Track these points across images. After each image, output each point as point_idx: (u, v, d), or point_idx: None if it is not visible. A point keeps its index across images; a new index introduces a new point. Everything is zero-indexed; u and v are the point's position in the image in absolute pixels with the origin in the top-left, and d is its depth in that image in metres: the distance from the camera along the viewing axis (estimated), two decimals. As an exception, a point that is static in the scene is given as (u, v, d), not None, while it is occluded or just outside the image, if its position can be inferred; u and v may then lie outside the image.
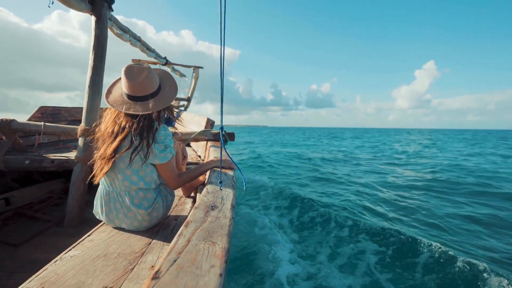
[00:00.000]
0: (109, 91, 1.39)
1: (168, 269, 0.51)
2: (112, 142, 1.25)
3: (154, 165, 1.33)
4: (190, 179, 1.48)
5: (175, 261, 0.54)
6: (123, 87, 1.33)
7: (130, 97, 1.31)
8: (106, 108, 1.38)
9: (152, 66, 1.45)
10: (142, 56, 4.69)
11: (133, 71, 1.29)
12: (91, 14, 2.53)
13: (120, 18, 3.29)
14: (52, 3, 2.24)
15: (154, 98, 1.33)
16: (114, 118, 1.31)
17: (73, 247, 1.12)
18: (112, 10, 2.76)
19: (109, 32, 2.77)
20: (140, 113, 1.27)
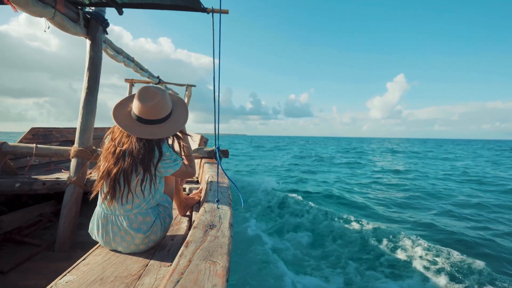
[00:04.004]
0: (118, 110, 1.36)
1: (172, 290, 0.52)
2: (114, 164, 1.24)
3: (159, 178, 1.34)
4: (192, 156, 1.60)
5: (178, 281, 0.55)
6: (133, 108, 1.33)
7: (139, 118, 1.32)
8: (114, 126, 1.36)
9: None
10: (136, 75, 4.75)
11: (148, 94, 1.31)
12: (86, 37, 2.59)
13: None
14: (48, 28, 2.30)
15: (162, 123, 1.34)
16: (122, 137, 1.30)
17: (68, 272, 1.10)
18: (107, 33, 2.83)
19: (103, 54, 2.83)
20: (147, 137, 1.28)
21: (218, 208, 1.13)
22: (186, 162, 1.57)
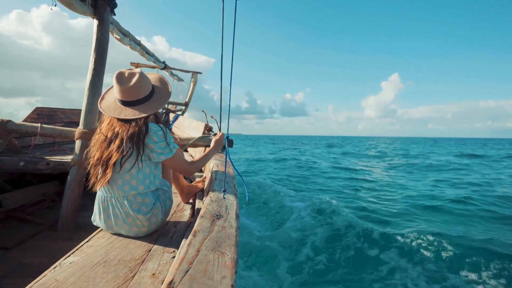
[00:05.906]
0: (102, 97, 1.43)
1: (181, 280, 0.51)
2: (106, 148, 1.26)
3: (155, 163, 1.36)
4: (203, 164, 1.62)
5: (187, 271, 0.54)
6: (115, 93, 1.36)
7: (122, 102, 1.34)
8: (103, 114, 1.40)
9: (151, 70, 1.47)
10: (142, 59, 4.70)
11: (124, 77, 1.32)
12: (93, 18, 2.54)
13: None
14: (55, 5, 2.25)
15: (145, 102, 1.36)
16: (108, 124, 1.33)
17: (72, 253, 1.11)
18: (114, 14, 2.77)
19: (110, 36, 2.78)
20: (130, 117, 1.28)
21: (224, 198, 1.13)
22: (193, 160, 1.57)
